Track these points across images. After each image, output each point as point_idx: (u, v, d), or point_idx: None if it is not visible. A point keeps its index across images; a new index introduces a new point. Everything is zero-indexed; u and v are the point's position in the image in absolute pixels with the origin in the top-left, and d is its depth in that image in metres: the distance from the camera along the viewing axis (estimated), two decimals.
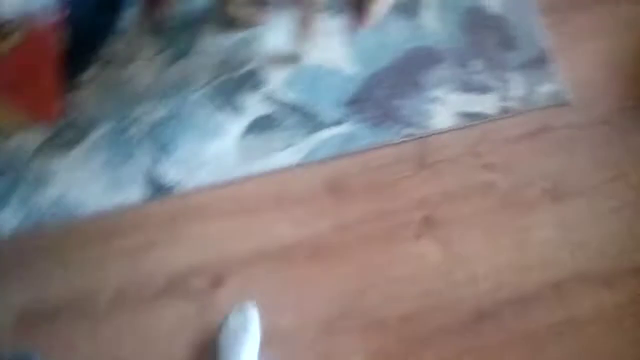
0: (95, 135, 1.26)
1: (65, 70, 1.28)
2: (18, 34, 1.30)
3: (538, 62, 1.28)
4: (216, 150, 1.24)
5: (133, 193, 1.21)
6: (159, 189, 1.21)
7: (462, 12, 1.33)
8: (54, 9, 1.30)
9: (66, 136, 1.27)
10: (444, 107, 1.24)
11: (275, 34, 1.32)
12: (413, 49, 1.30)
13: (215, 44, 1.34)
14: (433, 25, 1.32)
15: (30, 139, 1.27)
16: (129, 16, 1.37)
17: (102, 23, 1.35)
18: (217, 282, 1.12)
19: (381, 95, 1.27)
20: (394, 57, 1.29)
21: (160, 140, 1.25)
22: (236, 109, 1.26)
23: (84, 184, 1.24)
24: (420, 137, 1.23)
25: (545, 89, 1.25)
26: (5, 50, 1.29)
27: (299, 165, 1.21)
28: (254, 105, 1.28)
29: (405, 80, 1.28)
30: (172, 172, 1.23)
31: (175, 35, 1.34)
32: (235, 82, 1.29)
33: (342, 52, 1.31)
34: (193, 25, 1.37)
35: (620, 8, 1.31)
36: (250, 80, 1.30)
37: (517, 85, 1.26)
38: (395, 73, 1.28)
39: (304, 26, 1.20)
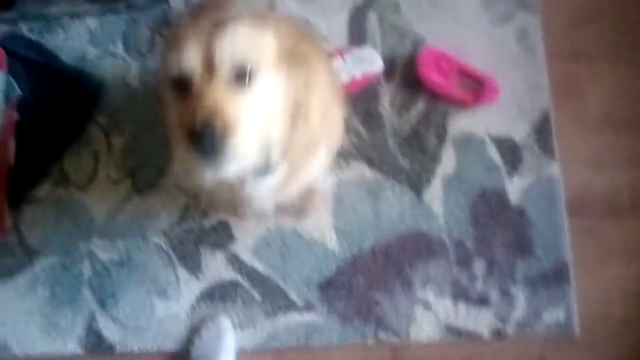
0: (38, 266, 1.24)
1: (13, 182, 1.24)
2: None
3: (551, 279, 1.18)
4: (164, 314, 1.21)
5: (70, 343, 1.20)
6: (98, 345, 1.18)
7: (476, 194, 1.23)
8: (3, 112, 1.26)
9: (7, 262, 1.25)
10: (430, 314, 1.17)
11: None
12: (408, 232, 1.21)
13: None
14: (437, 206, 1.23)
15: None
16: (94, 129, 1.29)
17: (61, 132, 1.28)
18: None
19: (361, 283, 1.20)
20: (384, 238, 1.21)
21: (107, 288, 1.21)
22: (194, 268, 1.22)
23: (18, 321, 1.22)
24: (395, 346, 1.15)
25: (551, 316, 1.16)
26: None
27: (254, 351, 1.15)
28: (216, 267, 1.23)
29: (392, 270, 1.20)
30: (114, 328, 1.20)
31: (146, 159, 1.27)
32: (202, 232, 1.25)
33: (326, 219, 1.22)
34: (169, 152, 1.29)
35: None
36: (218, 233, 1.24)
37: (520, 305, 1.17)
38: (382, 258, 1.20)
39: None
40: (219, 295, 1.22)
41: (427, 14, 1.32)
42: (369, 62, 1.24)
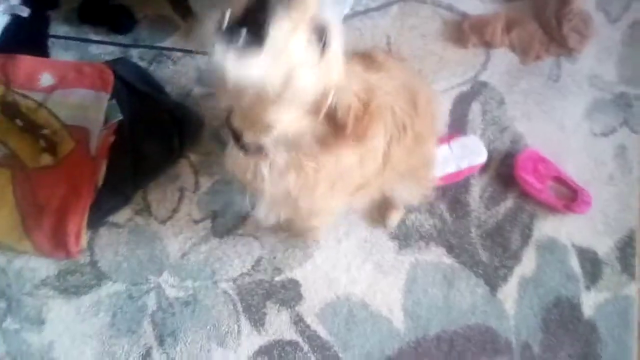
0: (105, 291, 1.40)
1: (97, 204, 1.39)
2: (67, 144, 1.43)
3: None
4: None
5: None
6: None
7: (550, 301, 1.40)
8: (110, 126, 1.43)
9: (75, 280, 1.41)
10: None
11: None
12: (476, 326, 1.37)
13: (269, 230, 1.42)
14: (510, 306, 1.38)
15: (37, 267, 1.39)
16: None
17: (152, 163, 1.45)
18: None
19: None
20: (451, 327, 1.39)
21: (168, 325, 1.37)
22: (257, 322, 1.37)
23: (74, 340, 1.37)
24: None
25: None
26: (49, 161, 1.42)
27: None
28: (279, 325, 1.39)
29: None
30: None
31: (230, 205, 1.42)
32: (271, 286, 1.40)
33: (396, 296, 1.37)
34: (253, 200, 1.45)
35: None
36: (287, 291, 1.40)
37: None
38: (446, 347, 1.36)
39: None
40: (277, 353, 1.37)
41: (531, 114, 1.50)
42: (476, 153, 1.42)
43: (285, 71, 0.75)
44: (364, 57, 1.02)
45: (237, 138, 0.96)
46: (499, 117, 1.52)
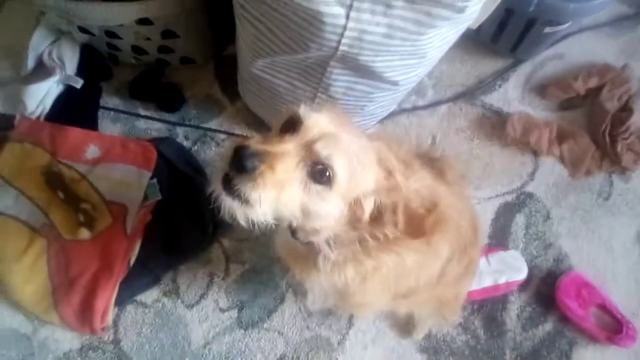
0: None
1: (127, 281, 1.39)
2: (104, 220, 1.44)
3: None
4: None
5: None
6: None
7: None
8: (148, 205, 1.43)
9: (97, 358, 1.44)
10: None
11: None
12: None
13: (295, 328, 1.38)
14: None
15: (61, 339, 1.39)
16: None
17: (186, 245, 1.44)
18: None
19: None
20: None
21: None
22: None
23: None
24: None
25: None
26: (87, 236, 1.43)
27: None
28: None
29: None
30: None
31: (258, 296, 1.41)
32: None
33: None
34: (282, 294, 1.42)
35: None
36: None
37: None
38: None
39: None
40: None
41: (578, 232, 1.45)
42: (515, 269, 1.37)
43: (291, 206, 0.80)
44: (432, 164, 1.00)
45: (292, 232, 0.97)
46: (544, 233, 1.46)
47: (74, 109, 1.59)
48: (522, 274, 1.40)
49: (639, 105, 1.52)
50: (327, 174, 0.78)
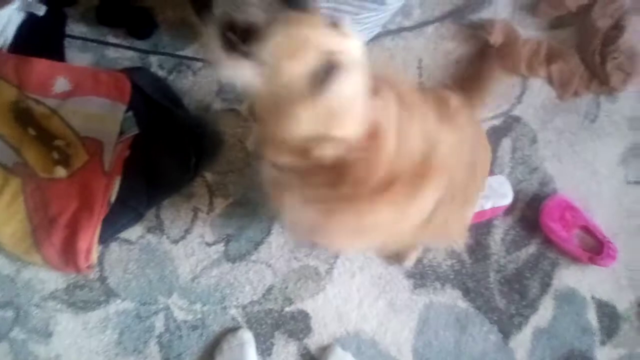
0: (113, 308, 1.39)
1: (109, 219, 1.36)
2: (80, 157, 1.39)
3: None
4: None
5: None
6: None
7: (563, 353, 1.43)
8: (125, 139, 1.38)
9: (84, 295, 1.41)
10: None
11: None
12: None
13: (282, 259, 1.39)
14: (521, 355, 1.42)
15: (46, 279, 1.38)
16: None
17: (167, 179, 1.41)
18: None
19: None
20: None
21: (175, 348, 1.39)
22: (264, 351, 1.40)
23: (81, 356, 1.37)
24: None
25: None
26: (63, 174, 1.38)
27: None
28: (285, 356, 1.42)
29: None
30: None
31: (244, 229, 1.39)
32: (281, 317, 1.39)
33: (407, 336, 1.36)
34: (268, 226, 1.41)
35: None
36: (297, 323, 1.39)
37: None
38: None
39: None
40: None
41: (563, 155, 1.44)
42: (501, 194, 1.37)
43: (271, 90, 0.74)
44: (438, 101, 0.95)
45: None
46: (530, 156, 1.45)
47: (38, 38, 1.47)
48: (507, 199, 1.40)
49: (630, 23, 1.47)
50: (324, 77, 0.72)
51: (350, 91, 0.75)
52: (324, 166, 0.81)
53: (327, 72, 0.72)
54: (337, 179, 0.82)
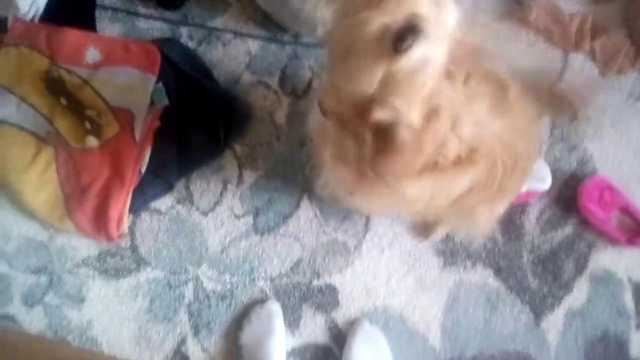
0: (145, 276, 1.40)
1: (140, 189, 1.37)
2: (112, 127, 1.40)
3: None
4: None
5: (157, 357, 1.40)
6: None
7: (596, 335, 1.35)
8: (155, 110, 1.37)
9: (116, 263, 1.42)
10: None
11: None
12: (515, 353, 1.36)
13: (311, 233, 1.39)
14: (553, 336, 1.35)
15: (78, 246, 1.40)
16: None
17: (197, 151, 1.40)
18: None
19: None
20: (489, 351, 1.36)
21: (204, 317, 1.38)
22: (292, 324, 1.40)
23: (112, 322, 1.39)
24: None
25: None
26: (95, 144, 1.39)
27: None
28: (313, 329, 1.40)
29: None
30: (202, 356, 1.37)
31: (273, 203, 1.40)
32: (309, 290, 1.39)
33: (435, 313, 1.35)
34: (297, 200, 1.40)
35: None
36: (325, 296, 1.39)
37: None
38: None
39: None
40: (309, 356, 1.37)
41: (604, 133, 1.40)
42: (539, 178, 1.30)
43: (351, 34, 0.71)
44: (498, 87, 0.90)
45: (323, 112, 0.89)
46: (569, 134, 1.39)
47: (69, 9, 1.47)
48: (545, 184, 1.34)
49: None
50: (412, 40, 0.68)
51: (427, 63, 0.71)
52: (375, 130, 0.78)
53: (411, 35, 0.67)
54: (384, 147, 0.80)
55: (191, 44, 1.47)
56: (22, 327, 1.41)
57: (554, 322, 1.35)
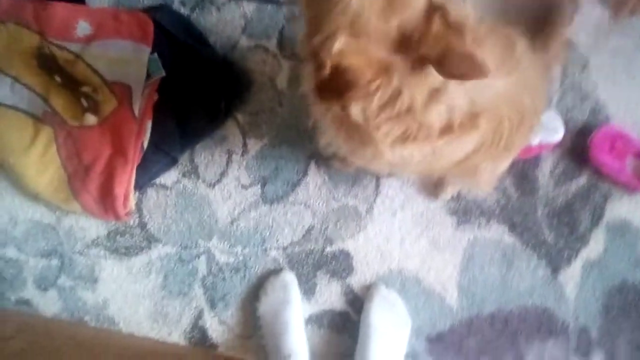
0: (156, 253, 1.39)
1: (144, 165, 1.34)
2: (109, 103, 1.36)
3: None
4: None
5: (175, 334, 1.40)
6: (202, 342, 1.38)
7: (614, 285, 1.35)
8: (152, 83, 1.33)
9: (126, 242, 1.40)
10: None
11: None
12: (533, 307, 1.34)
13: (320, 199, 1.36)
14: (571, 289, 1.35)
15: (87, 226, 1.38)
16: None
17: (198, 122, 1.36)
18: None
19: (472, 346, 1.34)
20: (507, 307, 1.35)
21: (219, 290, 1.38)
22: (308, 291, 1.38)
23: (127, 300, 1.39)
24: None
25: None
26: (93, 121, 1.36)
27: None
28: (329, 295, 1.38)
29: (507, 340, 1.34)
30: (220, 329, 1.37)
31: (280, 171, 1.37)
32: (322, 257, 1.37)
33: (451, 272, 1.33)
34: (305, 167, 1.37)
35: None
36: (339, 262, 1.37)
37: None
38: (500, 326, 1.33)
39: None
40: (327, 322, 1.36)
41: (617, 79, 1.35)
42: (551, 130, 1.27)
43: None
44: (504, 43, 0.85)
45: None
46: (580, 83, 1.34)
47: None
48: (557, 135, 1.30)
49: None
50: None
51: None
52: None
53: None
54: (388, 102, 0.77)
55: (184, 11, 1.41)
56: (37, 311, 1.41)
57: (572, 274, 1.33)
